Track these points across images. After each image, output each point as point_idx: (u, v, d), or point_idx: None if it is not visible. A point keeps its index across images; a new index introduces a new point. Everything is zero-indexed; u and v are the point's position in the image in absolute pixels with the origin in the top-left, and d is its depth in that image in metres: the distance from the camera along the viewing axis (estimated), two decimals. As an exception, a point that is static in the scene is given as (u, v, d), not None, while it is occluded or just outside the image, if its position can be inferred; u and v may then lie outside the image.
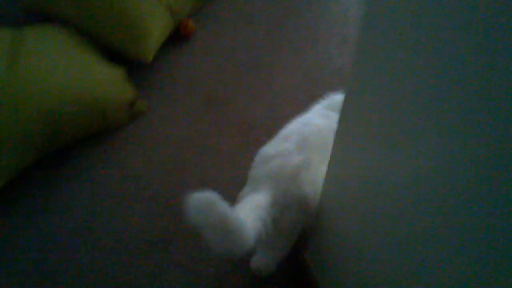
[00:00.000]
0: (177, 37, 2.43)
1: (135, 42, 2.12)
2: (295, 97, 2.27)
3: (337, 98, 1.65)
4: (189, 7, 2.43)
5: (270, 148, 1.44)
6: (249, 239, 1.07)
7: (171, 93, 2.25)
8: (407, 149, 0.78)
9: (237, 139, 2.10)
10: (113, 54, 2.19)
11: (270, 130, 1.57)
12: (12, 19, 2.33)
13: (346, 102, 1.01)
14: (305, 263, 1.62)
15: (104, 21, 2.07)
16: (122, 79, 2.06)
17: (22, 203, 1.83)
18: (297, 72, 2.39)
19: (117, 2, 2.05)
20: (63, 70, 1.84)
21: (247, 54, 2.44)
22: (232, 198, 1.17)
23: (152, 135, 2.09)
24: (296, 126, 1.50)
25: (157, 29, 2.17)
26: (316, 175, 1.33)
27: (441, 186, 0.69)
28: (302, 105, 1.72)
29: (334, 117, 1.46)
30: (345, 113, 1.04)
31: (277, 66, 2.40)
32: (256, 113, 2.20)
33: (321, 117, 1.54)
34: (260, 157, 1.43)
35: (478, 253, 0.63)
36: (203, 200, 0.98)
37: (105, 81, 1.97)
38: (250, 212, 1.17)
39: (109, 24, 2.08)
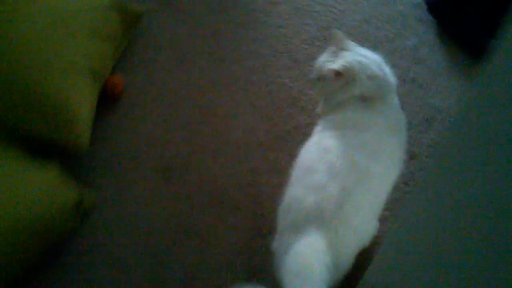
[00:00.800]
0: (106, 100, 2.04)
1: (61, 130, 1.73)
2: (258, 141, 2.01)
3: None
4: (112, 60, 2.04)
5: (296, 187, 1.31)
6: None
7: (119, 172, 1.91)
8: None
9: (212, 211, 1.82)
10: (37, 145, 1.80)
11: (246, 189, 1.47)
12: None
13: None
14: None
15: (18, 108, 1.68)
16: (58, 178, 1.68)
17: None
18: (250, 107, 2.12)
19: (30, 81, 1.67)
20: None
21: (191, 99, 2.13)
22: None
23: (111, 231, 1.77)
24: (313, 155, 1.36)
25: (85, 105, 1.78)
26: (358, 201, 1.25)
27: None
28: (273, 147, 1.64)
29: (346, 133, 1.37)
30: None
31: (227, 106, 2.12)
32: (223, 172, 1.93)
33: (333, 138, 1.37)
34: (289, 199, 1.31)
35: None
36: None
37: (39, 192, 1.59)
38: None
39: (25, 112, 1.69)
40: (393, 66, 2.03)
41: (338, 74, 1.43)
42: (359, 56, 1.49)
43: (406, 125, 1.51)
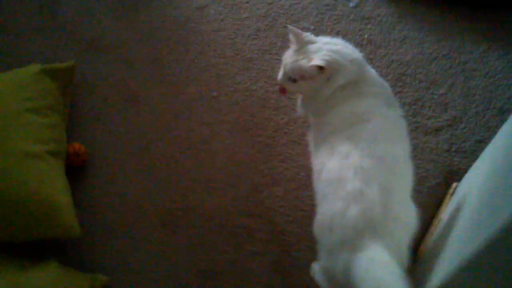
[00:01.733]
0: (73, 169, 1.87)
1: (48, 227, 1.60)
2: (245, 158, 1.92)
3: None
4: (63, 129, 1.86)
5: (331, 202, 1.22)
6: None
7: (119, 238, 1.78)
8: None
9: (227, 245, 1.74)
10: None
11: (252, 211, 1.47)
12: None
13: None
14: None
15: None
16: (60, 275, 1.55)
17: None
18: (223, 125, 2.01)
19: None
20: None
21: (160, 138, 1.99)
22: None
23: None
24: (335, 165, 1.27)
25: (59, 190, 1.63)
26: (398, 193, 1.20)
27: None
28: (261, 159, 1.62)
29: (354, 130, 1.31)
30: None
31: (199, 132, 2.00)
32: (223, 203, 1.84)
33: (346, 140, 1.30)
34: (327, 217, 1.22)
35: None
36: None
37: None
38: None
39: (8, 223, 1.56)
40: (346, 33, 1.95)
41: (321, 69, 1.35)
42: (329, 45, 1.42)
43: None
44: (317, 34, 1.49)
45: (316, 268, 1.64)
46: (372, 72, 1.47)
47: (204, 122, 1.99)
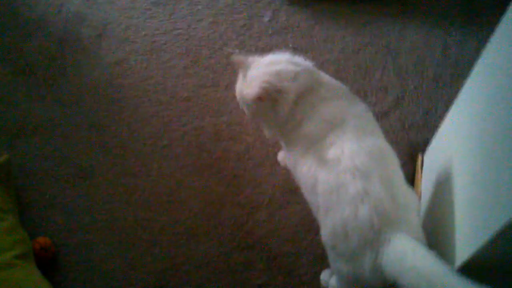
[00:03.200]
0: (44, 264, 1.72)
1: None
2: (219, 195, 1.85)
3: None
4: (21, 227, 1.71)
5: (337, 211, 1.19)
6: None
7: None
8: None
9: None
10: None
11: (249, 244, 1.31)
12: None
13: None
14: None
15: None
16: None
17: None
18: (187, 169, 1.94)
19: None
20: None
21: (126, 203, 1.89)
22: None
23: None
24: (328, 175, 1.23)
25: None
26: (397, 180, 1.22)
27: None
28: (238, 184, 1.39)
29: (334, 136, 1.28)
30: None
31: (167, 186, 1.92)
32: (215, 251, 1.76)
33: (329, 147, 1.28)
34: (338, 226, 1.19)
35: None
36: None
37: None
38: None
39: None
40: (270, 47, 1.97)
41: (259, 99, 1.34)
42: (267, 66, 1.39)
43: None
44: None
45: (327, 277, 1.62)
46: (325, 76, 1.47)
47: (164, 173, 1.92)
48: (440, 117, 1.99)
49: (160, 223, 1.81)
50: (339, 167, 1.21)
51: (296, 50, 2.21)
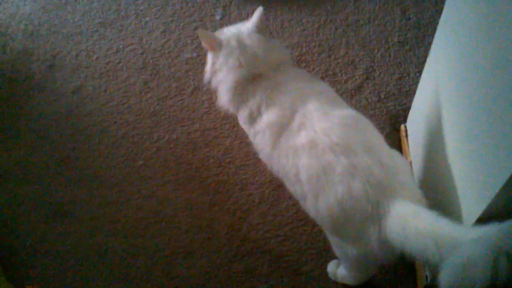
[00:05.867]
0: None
1: None
2: (202, 212, 1.76)
3: None
4: (6, 281, 1.60)
5: (330, 192, 1.13)
6: None
7: None
8: None
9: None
10: None
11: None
12: None
13: None
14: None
15: None
16: None
17: None
18: (175, 190, 1.85)
19: None
20: None
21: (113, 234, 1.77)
22: None
23: None
24: (309, 159, 1.17)
25: None
26: (379, 144, 1.19)
27: None
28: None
29: (302, 116, 1.25)
30: None
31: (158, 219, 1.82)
32: (208, 264, 1.66)
33: (302, 131, 1.23)
34: (334, 207, 1.13)
35: None
36: None
37: None
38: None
39: None
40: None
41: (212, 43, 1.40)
42: (228, 30, 1.45)
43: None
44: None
45: (334, 268, 1.55)
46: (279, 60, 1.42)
47: (146, 195, 1.82)
48: (414, 81, 1.95)
49: (152, 247, 1.71)
50: (318, 148, 1.16)
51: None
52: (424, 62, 1.76)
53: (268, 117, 1.31)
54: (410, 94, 1.90)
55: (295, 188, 1.26)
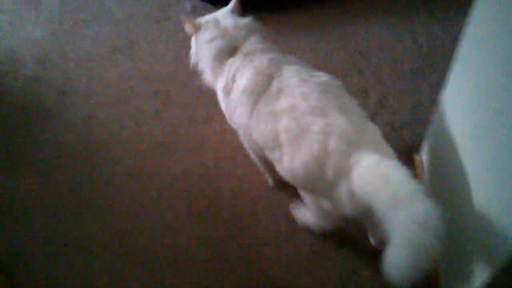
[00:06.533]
0: None
1: None
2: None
3: None
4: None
5: (306, 151, 1.25)
6: None
7: None
8: None
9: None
10: None
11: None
12: None
13: None
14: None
15: None
16: None
17: None
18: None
19: None
20: None
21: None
22: None
23: None
24: (291, 120, 1.29)
25: None
26: (355, 110, 1.31)
27: None
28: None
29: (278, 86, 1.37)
30: None
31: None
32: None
33: (282, 98, 1.34)
34: (310, 166, 1.24)
35: None
36: None
37: None
38: None
39: None
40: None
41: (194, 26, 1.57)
42: (208, 15, 1.61)
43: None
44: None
45: (302, 212, 1.64)
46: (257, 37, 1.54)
47: (159, 227, 1.79)
48: (428, 109, 1.94)
49: (167, 282, 1.69)
50: (297, 111, 1.28)
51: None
52: (437, 89, 1.77)
53: (242, 82, 1.43)
54: (424, 122, 1.90)
55: (274, 153, 1.37)
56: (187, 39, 2.29)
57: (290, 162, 1.30)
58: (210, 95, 1.65)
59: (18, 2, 2.62)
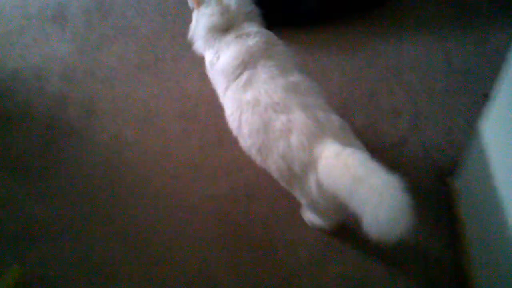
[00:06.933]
0: None
1: None
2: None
3: None
4: None
5: (273, 148, 1.33)
6: None
7: None
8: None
9: None
10: None
11: None
12: None
13: None
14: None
15: None
16: None
17: None
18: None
19: None
20: None
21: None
22: None
23: None
24: (254, 115, 1.37)
25: None
26: (319, 105, 1.35)
27: None
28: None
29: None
30: None
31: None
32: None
33: (248, 90, 1.43)
34: (279, 164, 1.33)
35: None
36: None
37: None
38: None
39: None
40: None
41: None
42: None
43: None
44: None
45: (307, 213, 1.69)
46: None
47: (188, 253, 1.76)
48: (462, 131, 1.88)
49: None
50: (260, 107, 1.35)
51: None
52: (471, 111, 1.72)
53: (221, 61, 1.53)
54: (458, 145, 1.84)
55: (239, 139, 1.50)
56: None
57: (261, 159, 1.40)
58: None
59: (43, 18, 2.61)
